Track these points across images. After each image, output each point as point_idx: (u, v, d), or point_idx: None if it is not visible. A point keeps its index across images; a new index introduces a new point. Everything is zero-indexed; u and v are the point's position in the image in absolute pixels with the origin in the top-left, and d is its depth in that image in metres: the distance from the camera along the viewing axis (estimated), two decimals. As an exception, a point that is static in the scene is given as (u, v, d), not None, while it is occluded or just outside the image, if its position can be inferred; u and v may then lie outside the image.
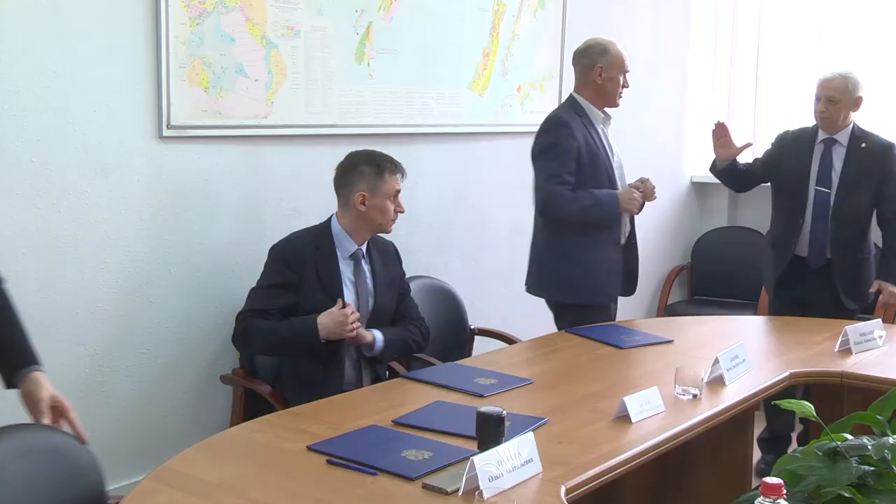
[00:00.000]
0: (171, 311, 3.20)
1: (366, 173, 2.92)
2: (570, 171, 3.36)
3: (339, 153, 3.53)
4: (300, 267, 2.89)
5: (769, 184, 3.96)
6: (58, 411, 1.99)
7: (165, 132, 3.09)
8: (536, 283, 3.58)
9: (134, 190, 3.06)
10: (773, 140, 3.99)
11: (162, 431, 3.20)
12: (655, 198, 3.52)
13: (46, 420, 1.95)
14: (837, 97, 3.68)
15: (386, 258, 3.09)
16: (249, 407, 3.16)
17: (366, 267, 3.00)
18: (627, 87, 3.55)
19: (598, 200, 3.37)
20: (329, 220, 3.01)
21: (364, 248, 3.00)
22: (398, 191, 2.96)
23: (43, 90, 2.79)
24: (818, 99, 3.73)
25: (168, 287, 3.18)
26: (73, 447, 1.84)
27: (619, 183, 3.49)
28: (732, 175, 3.96)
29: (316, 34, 3.49)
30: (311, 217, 3.53)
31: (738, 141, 3.88)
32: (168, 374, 3.22)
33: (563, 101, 4.56)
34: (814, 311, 3.69)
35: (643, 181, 3.46)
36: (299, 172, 3.50)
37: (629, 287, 3.60)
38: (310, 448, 2.07)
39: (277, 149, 3.45)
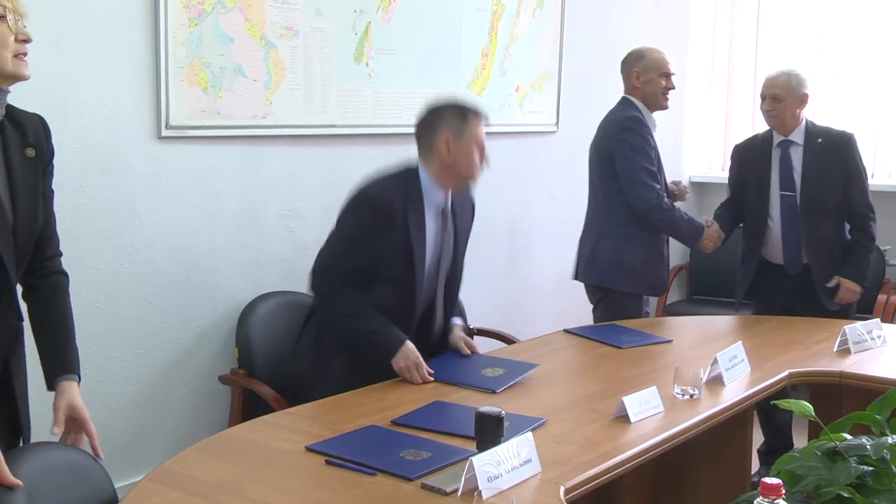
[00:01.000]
0: (169, 311, 3.20)
1: (448, 118, 2.73)
2: (654, 169, 3.55)
3: (338, 153, 3.55)
4: (389, 220, 2.68)
5: None
6: (76, 424, 2.00)
7: (164, 132, 3.09)
8: (591, 269, 3.67)
9: (133, 190, 3.06)
10: (730, 156, 3.99)
11: (160, 432, 3.20)
12: (685, 197, 3.76)
13: (56, 430, 1.95)
14: (782, 95, 3.64)
15: (464, 211, 2.94)
16: (248, 407, 3.16)
17: (451, 225, 2.85)
18: (672, 88, 3.67)
19: (690, 225, 3.61)
20: (415, 169, 2.79)
21: (450, 201, 2.83)
22: (482, 139, 2.77)
23: (42, 90, 2.79)
24: (763, 98, 3.71)
25: (167, 287, 3.18)
26: (89, 464, 1.84)
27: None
28: (734, 225, 3.91)
29: (315, 34, 3.49)
30: (311, 217, 3.54)
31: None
32: (166, 375, 3.22)
33: (560, 101, 4.59)
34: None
35: (676, 183, 3.70)
36: (298, 172, 3.50)
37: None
38: (308, 448, 2.07)
39: (276, 149, 3.45)
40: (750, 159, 3.81)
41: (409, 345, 2.66)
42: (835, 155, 3.66)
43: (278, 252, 3.49)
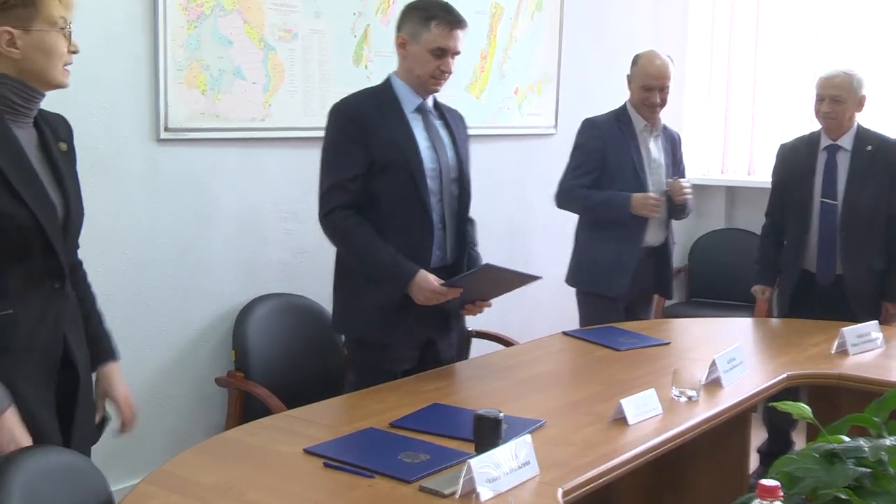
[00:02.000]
0: (167, 313, 3.20)
1: (412, 17, 2.66)
2: (589, 169, 3.58)
3: (337, 155, 3.53)
4: (366, 124, 2.63)
5: (770, 189, 3.84)
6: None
7: (163, 134, 3.10)
8: (568, 271, 3.79)
9: (131, 192, 3.06)
10: (775, 155, 3.82)
11: (157, 434, 3.20)
12: (687, 196, 3.67)
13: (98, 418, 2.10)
14: (843, 96, 3.48)
15: (457, 121, 2.86)
16: (245, 409, 3.16)
17: (437, 121, 2.76)
18: (658, 104, 3.59)
19: (609, 199, 3.55)
20: (387, 79, 2.76)
21: (430, 102, 2.76)
22: (445, 49, 2.64)
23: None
24: (821, 99, 3.51)
25: (165, 289, 3.18)
26: (85, 467, 1.84)
27: (651, 187, 3.62)
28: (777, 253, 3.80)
29: (313, 37, 3.49)
30: (309, 220, 3.53)
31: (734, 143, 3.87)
32: (164, 377, 3.22)
33: (559, 103, 4.61)
34: None
35: (671, 182, 3.66)
36: (297, 175, 3.50)
37: (665, 290, 3.85)
38: (306, 451, 2.07)
39: (275, 151, 3.45)
40: (795, 162, 3.68)
41: (421, 276, 2.60)
42: (883, 164, 3.52)
43: (276, 254, 3.49)
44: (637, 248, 3.59)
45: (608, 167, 3.58)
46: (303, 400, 2.51)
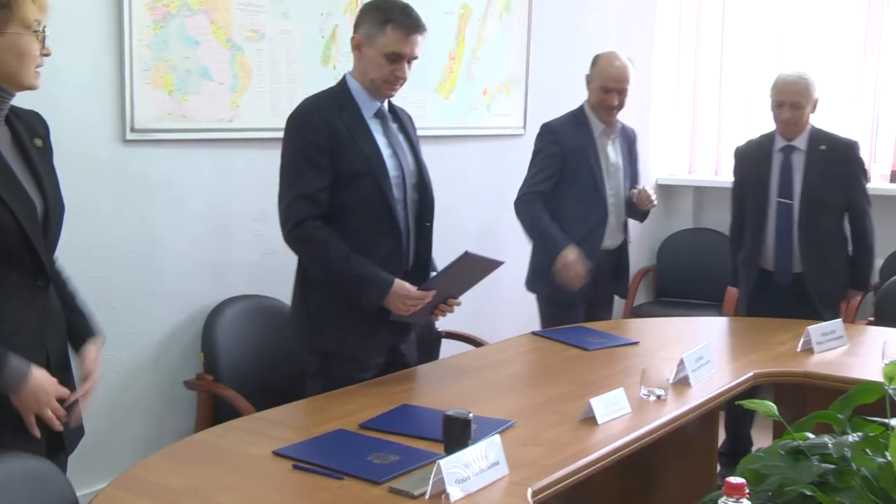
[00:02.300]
0: (135, 315, 3.17)
1: (370, 18, 2.57)
2: (548, 175, 3.56)
3: (305, 156, 3.51)
4: (333, 134, 2.54)
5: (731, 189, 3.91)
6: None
7: (129, 135, 3.07)
8: (527, 278, 3.78)
9: (97, 193, 3.03)
10: (733, 157, 3.89)
11: (125, 438, 3.17)
12: (653, 204, 3.68)
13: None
14: (802, 101, 3.54)
15: (409, 123, 2.80)
16: (215, 412, 3.14)
17: (394, 125, 2.70)
18: (615, 106, 3.54)
19: (546, 239, 3.51)
20: (343, 79, 2.67)
21: (386, 105, 2.69)
22: (401, 55, 2.55)
23: (3, 93, 2.76)
24: (780, 104, 3.56)
25: (132, 292, 3.15)
26: (50, 472, 1.82)
27: (608, 191, 3.62)
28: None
29: (281, 37, 3.47)
30: (277, 221, 3.51)
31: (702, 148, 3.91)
32: (132, 380, 3.19)
33: (527, 104, 4.63)
34: None
35: (637, 192, 3.64)
36: (265, 175, 3.47)
37: (621, 290, 3.86)
38: (275, 453, 2.06)
39: (243, 152, 3.43)
40: (750, 164, 3.74)
41: (398, 285, 2.54)
42: (837, 163, 3.59)
43: (245, 255, 3.47)
44: (595, 253, 3.57)
45: (566, 173, 3.55)
46: (272, 402, 2.50)
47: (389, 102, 2.72)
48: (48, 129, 2.08)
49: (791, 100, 3.54)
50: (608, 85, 3.53)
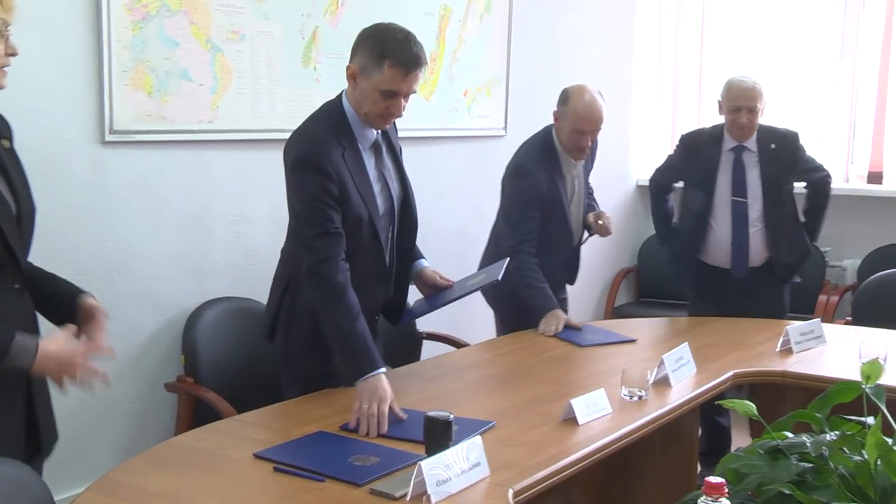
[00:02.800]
0: (114, 318, 3.11)
1: (368, 49, 2.43)
2: (534, 223, 3.37)
3: (286, 158, 3.50)
4: (342, 182, 2.46)
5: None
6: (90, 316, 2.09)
7: (108, 137, 3.05)
8: (494, 299, 3.66)
9: (75, 195, 3.01)
10: (678, 143, 3.94)
11: (104, 442, 3.15)
12: (610, 233, 3.56)
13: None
14: (758, 106, 3.63)
15: (394, 135, 2.73)
16: (195, 415, 3.12)
17: (386, 153, 2.63)
18: (585, 147, 3.37)
19: (539, 295, 3.35)
20: (339, 100, 2.55)
21: (380, 135, 2.61)
22: (397, 92, 2.44)
23: (-20, 94, 2.74)
24: (738, 109, 3.62)
25: (111, 295, 3.13)
26: (26, 477, 1.81)
27: (573, 223, 3.51)
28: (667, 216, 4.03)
29: (261, 38, 3.46)
30: (258, 223, 3.51)
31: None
32: (112, 383, 3.16)
33: (508, 105, 4.62)
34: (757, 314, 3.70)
35: (598, 216, 3.49)
36: (245, 177, 3.48)
37: (571, 278, 3.72)
38: (256, 455, 2.05)
39: (223, 153, 3.42)
40: (696, 154, 3.80)
41: (382, 379, 2.35)
42: (787, 157, 3.73)
43: (226, 258, 3.46)
44: (562, 285, 3.61)
45: (543, 209, 3.41)
46: (253, 404, 2.49)
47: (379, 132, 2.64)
48: (11, 129, 2.07)
49: (748, 105, 3.61)
50: (581, 127, 3.32)
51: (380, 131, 2.61)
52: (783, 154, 3.72)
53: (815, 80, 5.11)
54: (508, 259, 3.00)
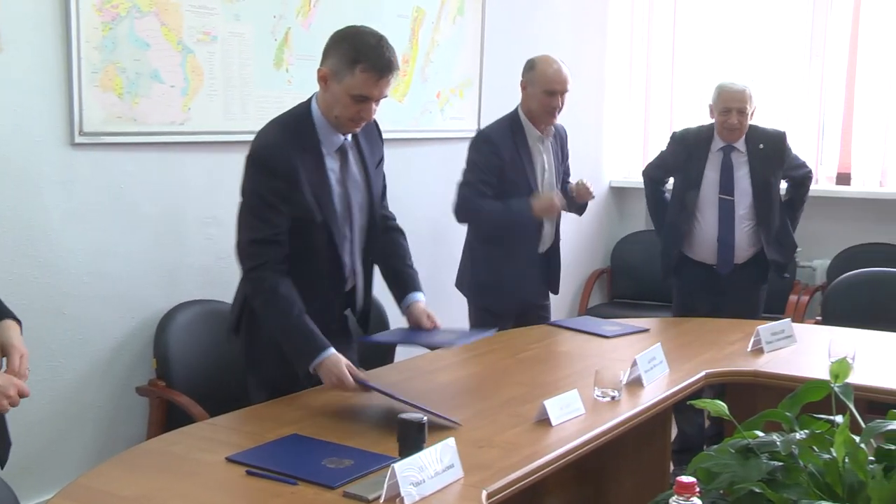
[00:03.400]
0: (84, 322, 3.12)
1: (341, 53, 2.41)
2: (487, 181, 3.48)
3: (258, 160, 3.49)
4: (293, 182, 2.44)
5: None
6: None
7: (78, 139, 3.02)
8: (461, 283, 3.77)
9: (44, 197, 2.98)
10: (670, 139, 4.11)
11: (75, 447, 3.12)
12: (592, 196, 3.67)
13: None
14: (747, 108, 3.76)
15: (370, 136, 2.68)
16: (167, 419, 3.10)
17: (353, 157, 2.59)
18: (556, 107, 3.49)
19: (509, 206, 3.47)
20: (308, 103, 2.54)
21: (349, 139, 2.58)
22: (369, 97, 2.42)
23: (-53, 96, 2.71)
24: (728, 111, 3.76)
25: (81, 298, 3.10)
26: None
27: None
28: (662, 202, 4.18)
29: (233, 40, 3.45)
30: (231, 224, 3.47)
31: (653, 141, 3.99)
32: (82, 388, 3.14)
33: (481, 107, 4.64)
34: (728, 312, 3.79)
35: (576, 185, 3.63)
36: (218, 179, 3.46)
37: (552, 286, 3.80)
38: (229, 459, 2.04)
39: (195, 155, 3.40)
40: (687, 152, 3.93)
41: (333, 357, 2.41)
42: (775, 156, 3.86)
43: (198, 260, 3.44)
44: (534, 260, 3.62)
45: (504, 184, 3.51)
46: (226, 408, 2.48)
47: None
48: None
49: (738, 106, 3.75)
50: (553, 87, 3.46)
51: (349, 138, 2.58)
52: (771, 153, 3.85)
53: (785, 83, 5.16)
54: (493, 331, 3.01)
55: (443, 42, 4.38)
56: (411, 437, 1.96)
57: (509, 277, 3.57)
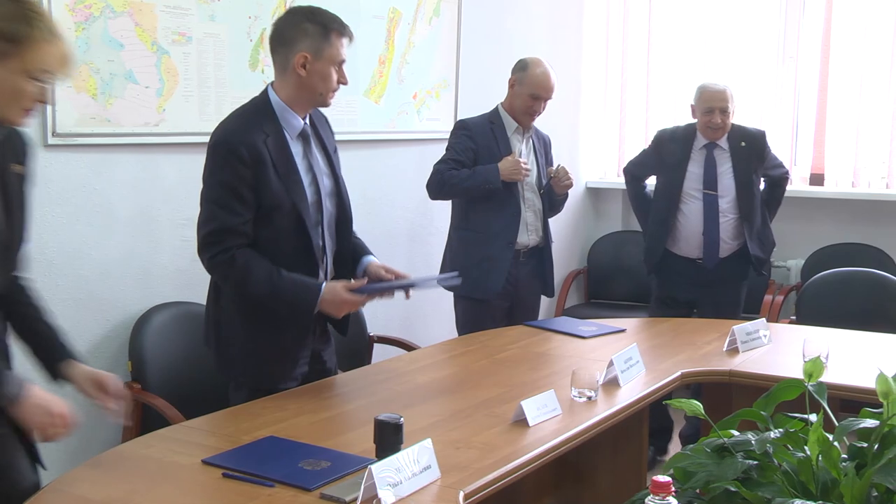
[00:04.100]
0: (59, 323, 3.09)
1: (309, 32, 2.48)
2: (460, 160, 3.62)
3: (234, 161, 3.47)
4: (258, 167, 2.45)
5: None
6: (101, 386, 2.15)
7: (51, 140, 2.99)
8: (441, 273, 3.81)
9: (17, 200, 2.95)
10: (654, 138, 4.20)
11: (49, 451, 3.08)
12: (570, 182, 3.75)
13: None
14: (730, 107, 3.88)
15: (323, 126, 2.72)
16: (143, 421, 3.08)
17: (314, 143, 2.63)
18: (538, 112, 3.67)
19: (475, 170, 3.60)
20: (265, 93, 2.58)
21: (307, 121, 2.61)
22: (343, 60, 2.54)
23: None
24: (711, 111, 3.87)
25: (56, 300, 3.06)
26: None
27: (523, 190, 3.71)
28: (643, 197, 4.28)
29: (208, 40, 3.43)
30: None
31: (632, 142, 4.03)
32: (56, 390, 3.10)
33: (458, 108, 4.65)
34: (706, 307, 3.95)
35: (554, 169, 3.74)
36: (193, 180, 3.39)
37: (546, 289, 3.90)
38: (205, 462, 2.03)
39: (170, 156, 3.37)
40: (671, 150, 4.04)
41: (327, 289, 2.49)
42: (756, 154, 3.99)
43: (173, 262, 3.41)
44: (509, 247, 3.67)
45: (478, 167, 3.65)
46: (202, 410, 2.46)
47: (309, 117, 2.63)
48: (29, 150, 2.06)
49: (721, 106, 3.87)
50: (539, 94, 3.64)
51: (307, 122, 2.60)
52: (752, 151, 3.97)
53: (759, 85, 5.20)
54: (457, 276, 2.97)
55: (419, 43, 4.38)
56: (388, 439, 1.96)
57: (481, 262, 3.63)
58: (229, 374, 2.65)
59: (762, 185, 4.08)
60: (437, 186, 3.64)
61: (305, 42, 2.48)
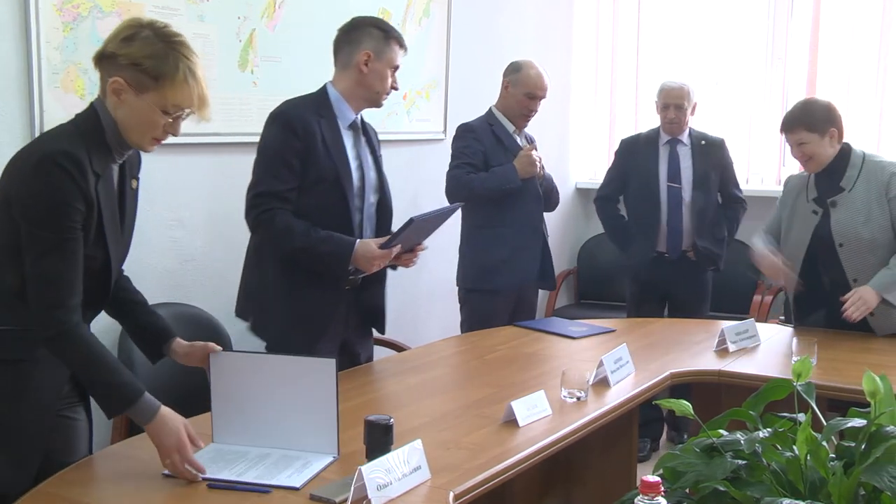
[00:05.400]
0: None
1: (374, 35, 2.80)
2: (472, 164, 3.68)
3: (223, 162, 3.48)
4: (309, 139, 2.71)
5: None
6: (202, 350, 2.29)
7: (38, 141, 2.97)
8: (457, 273, 3.88)
9: (5, 201, 2.93)
10: (617, 150, 4.37)
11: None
12: (542, 167, 3.78)
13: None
14: (685, 104, 4.10)
15: (373, 135, 2.98)
16: (132, 424, 3.05)
17: (364, 138, 2.90)
18: (533, 111, 3.76)
19: (493, 172, 3.67)
20: (323, 88, 2.86)
21: (360, 118, 2.88)
22: (398, 66, 2.84)
23: None
24: (666, 107, 4.11)
25: (43, 302, 3.05)
26: None
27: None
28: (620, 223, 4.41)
29: (197, 41, 3.39)
30: (196, 227, 3.47)
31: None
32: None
33: (448, 108, 4.65)
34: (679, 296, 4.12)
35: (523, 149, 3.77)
36: (182, 182, 3.42)
37: (548, 283, 3.98)
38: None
39: (158, 157, 3.32)
40: (636, 154, 4.22)
41: (360, 246, 2.67)
42: (715, 156, 4.21)
43: (162, 263, 3.40)
44: (537, 234, 3.79)
45: (487, 171, 3.71)
46: (191, 412, 2.44)
47: (361, 117, 2.88)
48: (140, 166, 2.22)
49: (675, 102, 4.11)
50: (535, 92, 3.73)
51: (361, 120, 2.85)
52: (711, 151, 4.20)
53: (747, 85, 5.22)
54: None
55: (409, 44, 4.35)
56: (378, 440, 1.96)
57: (518, 248, 3.73)
58: (266, 338, 2.82)
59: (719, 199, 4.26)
60: (457, 192, 3.66)
61: (370, 43, 2.78)
